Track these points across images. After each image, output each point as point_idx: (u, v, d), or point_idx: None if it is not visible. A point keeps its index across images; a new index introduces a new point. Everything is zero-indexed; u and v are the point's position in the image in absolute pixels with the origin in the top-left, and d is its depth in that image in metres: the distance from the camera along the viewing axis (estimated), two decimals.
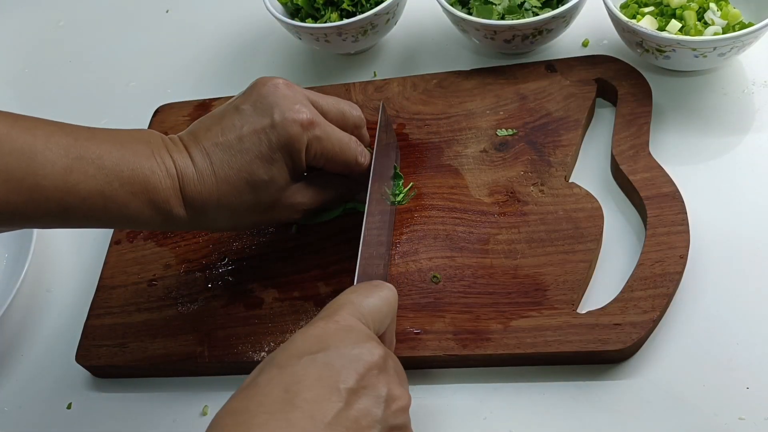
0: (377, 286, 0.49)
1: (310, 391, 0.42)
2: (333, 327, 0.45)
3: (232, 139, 0.55)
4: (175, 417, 0.62)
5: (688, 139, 0.65)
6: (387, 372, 0.45)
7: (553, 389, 0.55)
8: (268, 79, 0.58)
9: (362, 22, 0.74)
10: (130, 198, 0.53)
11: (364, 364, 0.43)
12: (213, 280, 0.66)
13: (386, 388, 0.44)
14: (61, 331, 0.70)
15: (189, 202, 0.55)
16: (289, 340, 0.45)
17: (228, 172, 0.55)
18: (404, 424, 0.45)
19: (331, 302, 0.48)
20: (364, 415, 0.42)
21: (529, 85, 0.70)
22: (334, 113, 0.59)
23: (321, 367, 0.43)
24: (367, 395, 0.43)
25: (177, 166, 0.55)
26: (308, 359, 0.43)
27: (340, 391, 0.42)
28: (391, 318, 0.50)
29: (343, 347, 0.44)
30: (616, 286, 0.57)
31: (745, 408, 0.52)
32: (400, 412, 0.45)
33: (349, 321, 0.46)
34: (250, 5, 0.91)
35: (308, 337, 0.45)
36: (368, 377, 0.43)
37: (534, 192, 0.63)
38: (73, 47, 0.98)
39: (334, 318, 0.46)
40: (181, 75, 0.89)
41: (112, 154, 0.53)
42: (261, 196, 0.57)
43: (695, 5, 0.66)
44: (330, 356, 0.43)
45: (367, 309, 0.47)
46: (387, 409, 0.44)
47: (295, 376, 0.42)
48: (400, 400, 0.45)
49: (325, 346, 0.44)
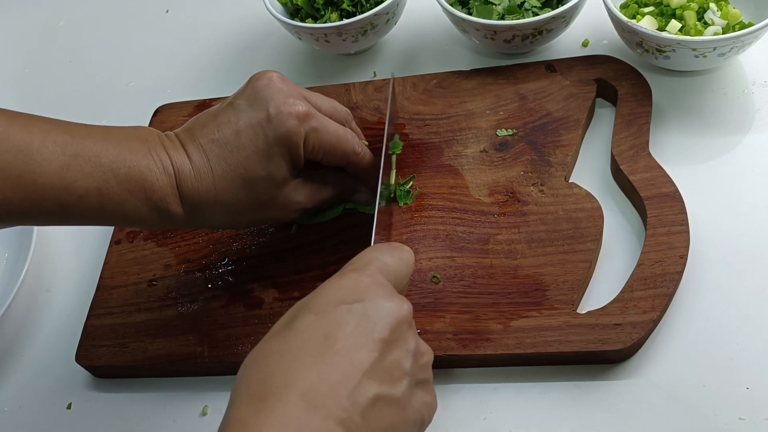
0: (398, 248, 0.50)
1: (349, 339, 0.42)
2: (366, 280, 0.45)
3: (229, 135, 0.55)
4: (175, 417, 0.62)
5: (688, 139, 0.65)
6: (413, 328, 0.46)
7: (553, 389, 0.55)
8: (262, 73, 0.58)
9: (362, 22, 0.74)
10: (127, 196, 0.53)
11: (396, 317, 0.44)
12: (213, 280, 0.66)
13: (414, 342, 0.45)
14: (61, 331, 0.70)
15: (186, 199, 0.55)
16: (321, 288, 0.46)
17: (225, 169, 0.55)
18: (428, 378, 0.46)
19: (357, 257, 0.48)
20: (396, 366, 0.43)
21: (529, 85, 0.70)
22: (326, 107, 0.60)
23: (358, 317, 0.43)
24: (399, 347, 0.44)
25: (174, 164, 0.55)
26: (345, 308, 0.44)
27: (376, 341, 0.43)
28: (408, 279, 0.50)
29: (377, 299, 0.44)
30: (616, 286, 0.57)
31: (745, 408, 0.52)
32: (426, 366, 0.46)
33: (377, 276, 0.46)
34: (250, 5, 0.91)
35: (342, 287, 0.45)
36: (399, 330, 0.44)
37: (534, 192, 0.63)
38: (73, 47, 0.98)
39: (365, 271, 0.46)
40: (181, 75, 0.89)
41: (108, 151, 0.53)
42: (258, 192, 0.57)
43: (695, 5, 0.66)
44: (366, 307, 0.44)
45: (392, 267, 0.48)
46: (415, 363, 0.44)
47: (333, 323, 0.43)
48: (427, 355, 0.46)
49: (360, 297, 0.44)
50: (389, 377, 0.42)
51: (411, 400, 0.44)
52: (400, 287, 0.49)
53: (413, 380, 0.44)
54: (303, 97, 0.57)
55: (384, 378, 0.42)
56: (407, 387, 0.43)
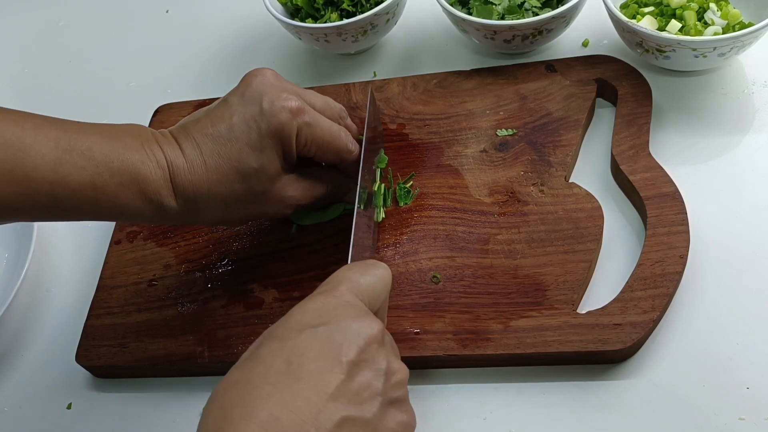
0: (373, 265, 0.50)
1: (313, 363, 0.42)
2: (333, 302, 0.45)
3: (222, 129, 0.56)
4: (175, 417, 0.62)
5: (688, 139, 0.65)
6: (385, 346, 0.46)
7: (553, 389, 0.55)
8: (256, 70, 0.58)
9: (362, 22, 0.74)
10: (121, 189, 0.53)
11: (365, 337, 0.44)
12: (213, 280, 0.66)
13: (385, 361, 0.45)
14: (61, 331, 0.70)
15: (180, 192, 0.55)
16: (288, 314, 0.45)
17: (218, 161, 0.55)
18: (403, 396, 0.46)
19: (329, 278, 0.48)
20: (366, 387, 0.43)
21: (529, 85, 0.70)
22: (320, 104, 0.60)
23: (322, 340, 0.43)
24: (368, 368, 0.43)
25: (167, 157, 0.55)
26: (310, 332, 0.43)
27: (342, 364, 0.42)
28: (385, 296, 0.50)
29: (343, 321, 0.44)
30: (616, 286, 0.57)
31: (745, 408, 0.52)
32: (399, 385, 0.46)
33: (347, 296, 0.46)
34: (250, 5, 0.91)
35: (308, 310, 0.45)
36: (368, 351, 0.44)
37: (534, 192, 0.63)
38: (73, 47, 0.98)
39: (333, 293, 0.46)
40: (181, 75, 0.89)
41: (101, 146, 0.53)
42: (252, 184, 0.57)
43: (695, 5, 0.66)
44: (331, 330, 0.43)
45: (364, 286, 0.48)
46: (387, 382, 0.44)
47: (296, 348, 0.43)
48: (399, 374, 0.46)
49: (326, 321, 0.44)
50: (357, 399, 0.42)
51: (383, 420, 0.43)
52: (376, 305, 0.49)
53: (385, 400, 0.44)
54: (296, 93, 0.58)
55: (352, 400, 0.42)
56: (379, 407, 0.43)
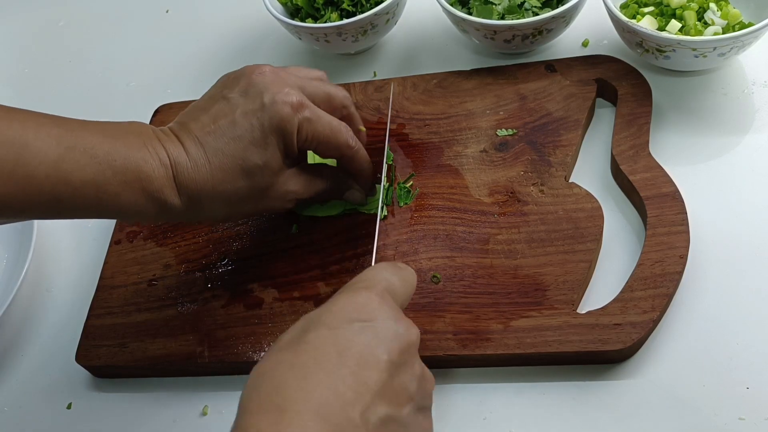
0: (403, 269, 0.50)
1: (362, 358, 0.42)
2: (377, 299, 0.45)
3: (225, 126, 0.56)
4: (175, 417, 0.62)
5: (688, 139, 0.65)
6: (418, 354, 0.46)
7: (553, 389, 0.55)
8: (255, 66, 0.58)
9: (362, 22, 0.74)
10: (123, 187, 0.53)
11: (407, 340, 0.44)
12: (213, 280, 0.66)
13: (420, 368, 0.45)
14: (61, 331, 0.70)
15: (183, 190, 0.55)
16: (333, 302, 0.45)
17: (222, 160, 0.55)
18: (429, 406, 0.46)
19: (365, 273, 0.48)
20: (403, 389, 0.43)
21: (529, 85, 0.70)
22: (321, 97, 0.60)
23: (370, 336, 0.43)
24: (406, 371, 0.44)
25: (170, 156, 0.55)
26: (359, 326, 0.44)
27: (386, 363, 0.43)
28: (409, 300, 0.51)
29: (389, 321, 0.44)
30: (616, 286, 0.57)
31: (745, 408, 0.52)
32: (429, 394, 0.46)
33: (387, 297, 0.46)
34: (250, 5, 0.91)
35: (355, 303, 0.45)
36: (408, 354, 0.44)
37: (534, 192, 0.63)
38: (73, 47, 0.98)
39: (376, 291, 0.46)
40: (181, 75, 0.89)
41: (103, 144, 0.53)
42: (256, 181, 0.57)
43: (695, 5, 0.66)
44: (378, 327, 0.44)
45: (399, 289, 0.48)
46: (420, 388, 0.45)
47: (347, 340, 0.43)
48: (430, 383, 0.46)
49: (373, 317, 0.44)
50: (397, 399, 0.43)
51: (412, 425, 0.44)
52: (403, 308, 0.49)
53: (416, 405, 0.44)
54: (297, 87, 0.58)
55: (392, 399, 0.42)
56: (411, 411, 0.43)
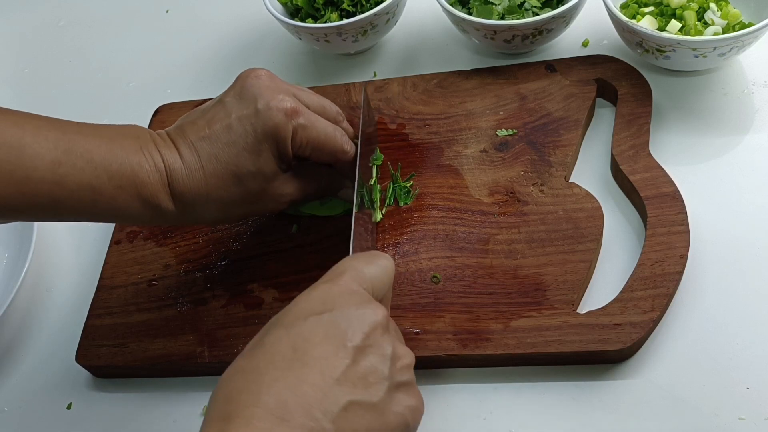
0: (377, 255, 0.50)
1: (318, 349, 0.42)
2: (336, 289, 0.46)
3: (219, 132, 0.56)
4: (175, 417, 0.62)
5: (688, 139, 0.65)
6: (389, 332, 0.46)
7: (553, 389, 0.55)
8: (251, 71, 0.58)
9: (362, 22, 0.74)
10: (119, 192, 0.54)
11: (369, 323, 0.44)
12: (213, 280, 0.66)
13: (391, 346, 0.45)
14: (61, 331, 0.70)
15: (177, 196, 0.56)
16: (293, 303, 0.46)
17: (216, 166, 0.56)
18: (410, 380, 0.46)
19: (333, 268, 0.48)
20: (372, 371, 0.43)
21: (529, 85, 0.70)
22: (315, 105, 0.60)
23: (327, 326, 0.43)
24: (374, 353, 0.44)
25: (165, 161, 0.55)
26: (314, 319, 0.44)
27: (347, 349, 0.43)
28: (389, 287, 0.51)
29: (347, 308, 0.44)
30: (616, 286, 0.57)
31: (745, 408, 0.52)
32: (406, 369, 0.46)
33: (351, 285, 0.46)
34: (250, 5, 0.91)
35: (312, 298, 0.45)
36: (373, 336, 0.44)
37: (534, 192, 0.63)
38: (73, 47, 0.98)
39: (337, 281, 0.46)
40: (181, 75, 0.89)
41: (100, 148, 0.53)
42: (249, 187, 0.57)
43: (695, 5, 0.66)
44: (335, 316, 0.44)
45: (368, 275, 0.48)
46: (393, 366, 0.45)
47: (302, 335, 0.43)
48: (405, 358, 0.46)
49: (330, 308, 0.44)
50: (363, 383, 0.43)
51: (391, 404, 0.44)
52: (380, 294, 0.49)
53: (392, 384, 0.44)
54: (292, 94, 0.58)
55: (358, 384, 0.42)
56: (385, 392, 0.43)
